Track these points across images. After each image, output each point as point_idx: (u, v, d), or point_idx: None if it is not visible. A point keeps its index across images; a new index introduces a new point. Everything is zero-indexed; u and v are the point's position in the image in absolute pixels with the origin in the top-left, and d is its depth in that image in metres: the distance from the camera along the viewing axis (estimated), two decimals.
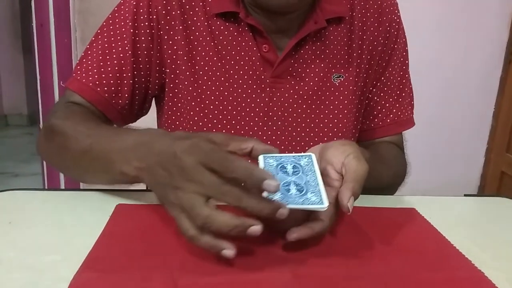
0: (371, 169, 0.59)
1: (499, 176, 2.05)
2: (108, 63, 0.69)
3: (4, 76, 3.86)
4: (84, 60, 0.71)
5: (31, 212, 0.57)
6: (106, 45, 0.70)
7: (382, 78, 0.77)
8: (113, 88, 0.69)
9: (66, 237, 0.50)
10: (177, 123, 0.71)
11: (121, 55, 0.69)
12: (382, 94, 0.78)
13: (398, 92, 0.79)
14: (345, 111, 0.72)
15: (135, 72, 0.70)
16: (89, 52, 0.71)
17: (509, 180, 2.00)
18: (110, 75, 0.69)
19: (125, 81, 0.70)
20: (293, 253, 0.48)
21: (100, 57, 0.69)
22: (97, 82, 0.69)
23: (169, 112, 0.72)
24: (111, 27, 0.71)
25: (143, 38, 0.70)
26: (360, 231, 0.55)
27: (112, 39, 0.70)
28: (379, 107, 0.78)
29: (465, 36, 1.94)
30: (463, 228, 0.60)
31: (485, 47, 1.96)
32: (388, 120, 0.78)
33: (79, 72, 0.70)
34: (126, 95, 0.70)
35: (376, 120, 0.79)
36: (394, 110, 0.78)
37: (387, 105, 0.78)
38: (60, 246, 0.48)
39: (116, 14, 0.71)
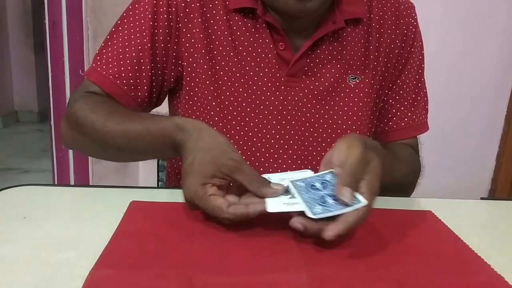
0: (385, 163, 0.60)
1: (510, 180, 2.03)
2: (127, 55, 0.69)
3: (16, 73, 3.88)
4: (104, 50, 0.71)
5: (45, 208, 0.57)
6: (125, 37, 0.70)
7: (398, 82, 0.77)
8: (131, 81, 0.69)
9: (81, 233, 0.50)
10: (193, 117, 0.71)
11: (140, 47, 0.69)
12: (397, 98, 0.77)
13: (413, 96, 0.78)
14: (359, 113, 0.72)
15: (153, 65, 0.70)
16: (109, 43, 0.71)
17: None
18: (129, 68, 0.69)
19: (144, 74, 0.70)
20: (308, 254, 0.48)
21: (120, 50, 0.69)
22: (117, 75, 0.69)
23: (186, 106, 0.72)
24: (131, 19, 0.70)
25: (161, 30, 0.69)
26: (376, 233, 0.54)
27: (132, 31, 0.70)
28: (394, 111, 0.78)
29: (477, 39, 1.92)
30: (481, 232, 0.59)
31: (498, 50, 1.94)
32: (403, 124, 0.78)
33: (99, 63, 0.70)
34: (145, 88, 0.70)
35: (390, 123, 0.78)
36: (409, 114, 0.78)
37: (402, 108, 0.78)
38: (75, 242, 0.48)
39: (136, 5, 0.71)
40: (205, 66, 0.70)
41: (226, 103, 0.69)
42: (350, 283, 0.43)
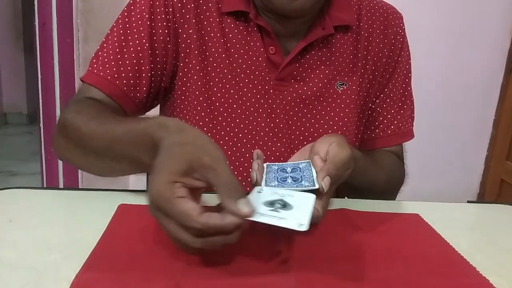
0: (364, 169, 0.63)
1: (499, 183, 2.06)
2: (126, 56, 0.69)
3: (5, 75, 3.86)
4: (100, 53, 0.70)
5: (32, 211, 0.56)
6: (122, 38, 0.69)
7: (385, 90, 0.78)
8: (131, 81, 0.69)
9: (67, 236, 0.50)
10: (187, 117, 0.71)
11: (139, 48, 0.69)
12: (384, 106, 0.78)
13: (400, 104, 0.79)
14: (346, 119, 0.72)
15: (152, 65, 0.70)
16: (105, 45, 0.70)
17: (508, 188, 2.00)
18: (129, 68, 0.68)
19: (143, 74, 0.69)
20: (296, 257, 0.48)
21: (117, 50, 0.69)
22: (116, 75, 0.68)
23: (181, 106, 0.72)
24: (126, 20, 0.70)
25: (160, 31, 0.69)
26: (364, 236, 0.54)
27: (129, 31, 0.69)
28: (380, 118, 0.79)
29: (466, 45, 1.94)
30: (467, 235, 0.60)
31: (487, 55, 1.97)
32: (389, 131, 0.79)
33: (95, 65, 0.69)
34: (144, 89, 0.70)
35: (377, 130, 0.79)
36: (395, 122, 0.79)
37: (389, 116, 0.79)
38: (62, 246, 0.48)
39: (132, 7, 0.71)
40: (198, 67, 0.70)
41: (217, 104, 0.69)
42: (337, 286, 0.43)
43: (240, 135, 0.70)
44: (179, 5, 0.69)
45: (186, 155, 0.43)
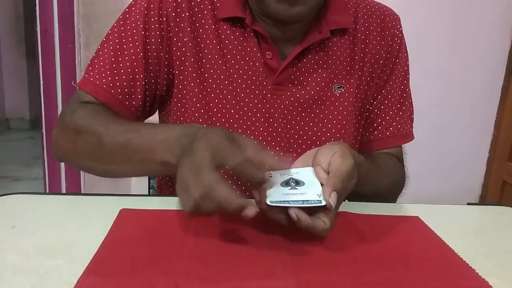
0: (367, 175, 0.62)
1: (501, 185, 2.05)
2: (121, 65, 0.70)
3: (7, 80, 3.87)
4: (96, 61, 0.71)
5: (34, 216, 0.57)
6: (117, 46, 0.70)
7: (383, 92, 0.78)
8: (126, 90, 0.70)
9: (69, 241, 0.50)
10: (185, 123, 0.71)
11: (133, 56, 0.70)
12: (382, 107, 0.78)
13: (398, 105, 0.79)
14: (344, 122, 0.73)
15: (146, 73, 0.71)
16: (100, 53, 0.71)
17: (510, 189, 2.00)
18: (123, 77, 0.69)
19: (138, 83, 0.70)
20: (297, 259, 0.48)
21: (113, 59, 0.70)
22: (111, 84, 0.69)
23: (179, 113, 0.72)
24: (122, 28, 0.71)
25: (153, 40, 0.70)
26: (364, 239, 0.55)
27: (124, 40, 0.70)
28: (379, 120, 0.79)
29: (467, 46, 1.94)
30: (467, 237, 0.60)
31: (487, 56, 1.97)
32: (388, 133, 0.79)
33: (91, 73, 0.70)
34: (139, 97, 0.71)
35: (376, 132, 0.79)
36: (394, 124, 0.79)
37: (387, 118, 0.79)
38: (64, 250, 0.48)
39: (127, 16, 0.72)
40: (194, 74, 0.70)
41: (215, 110, 0.70)
42: None
43: None
44: (173, 14, 0.70)
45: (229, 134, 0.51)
